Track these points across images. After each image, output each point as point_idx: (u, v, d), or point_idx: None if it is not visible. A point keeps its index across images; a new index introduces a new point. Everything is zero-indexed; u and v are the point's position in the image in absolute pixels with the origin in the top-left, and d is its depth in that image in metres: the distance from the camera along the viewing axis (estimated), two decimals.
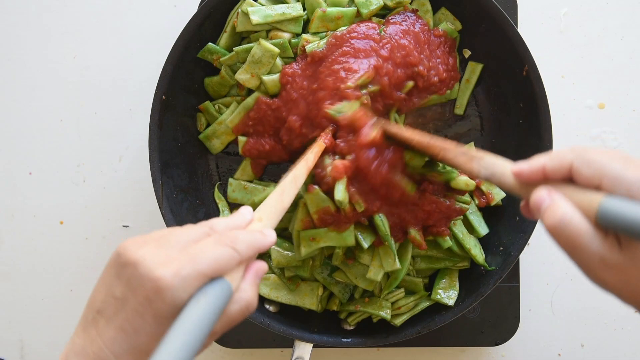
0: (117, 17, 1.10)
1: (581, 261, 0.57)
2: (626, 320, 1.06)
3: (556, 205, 0.57)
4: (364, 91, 0.90)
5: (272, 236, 0.66)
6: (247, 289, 0.62)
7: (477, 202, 0.98)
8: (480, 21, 0.95)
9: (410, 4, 0.98)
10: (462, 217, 0.96)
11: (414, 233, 0.91)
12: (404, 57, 0.92)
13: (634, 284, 0.55)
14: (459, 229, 0.96)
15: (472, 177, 0.90)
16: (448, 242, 0.94)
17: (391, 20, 0.95)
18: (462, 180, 0.89)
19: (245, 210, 0.68)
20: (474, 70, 0.99)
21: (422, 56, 0.93)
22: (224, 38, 0.97)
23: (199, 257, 0.58)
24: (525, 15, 1.06)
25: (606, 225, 0.54)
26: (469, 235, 0.96)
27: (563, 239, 0.57)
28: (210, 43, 0.96)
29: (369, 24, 0.94)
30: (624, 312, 1.06)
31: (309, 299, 0.96)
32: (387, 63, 0.91)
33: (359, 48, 0.92)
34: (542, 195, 0.59)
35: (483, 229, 0.97)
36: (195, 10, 0.94)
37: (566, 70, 1.08)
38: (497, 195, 0.98)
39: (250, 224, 0.67)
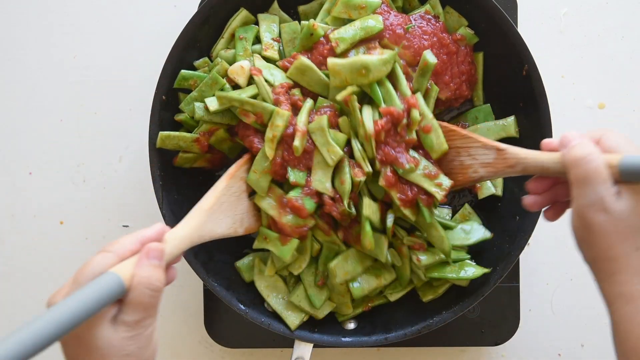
0: (118, 17, 1.10)
1: (585, 196, 0.67)
2: None
3: (586, 143, 0.69)
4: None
5: (155, 228, 0.70)
6: (140, 271, 0.65)
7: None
8: (480, 21, 0.95)
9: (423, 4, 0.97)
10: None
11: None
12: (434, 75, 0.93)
13: (613, 234, 0.66)
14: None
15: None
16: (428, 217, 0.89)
17: (420, 27, 0.93)
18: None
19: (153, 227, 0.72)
20: (478, 60, 0.98)
21: (448, 78, 0.94)
22: (220, 43, 0.97)
23: (79, 273, 0.64)
24: (525, 15, 1.06)
25: (624, 172, 0.66)
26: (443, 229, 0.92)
27: (582, 171, 0.67)
28: (182, 70, 0.93)
29: (398, 16, 0.92)
30: None
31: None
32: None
33: None
34: (574, 134, 0.71)
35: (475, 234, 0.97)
36: (195, 10, 0.94)
37: (566, 70, 1.08)
38: (487, 190, 0.98)
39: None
